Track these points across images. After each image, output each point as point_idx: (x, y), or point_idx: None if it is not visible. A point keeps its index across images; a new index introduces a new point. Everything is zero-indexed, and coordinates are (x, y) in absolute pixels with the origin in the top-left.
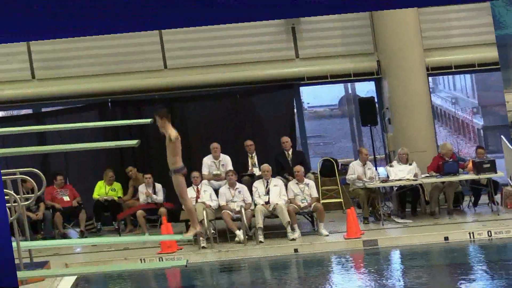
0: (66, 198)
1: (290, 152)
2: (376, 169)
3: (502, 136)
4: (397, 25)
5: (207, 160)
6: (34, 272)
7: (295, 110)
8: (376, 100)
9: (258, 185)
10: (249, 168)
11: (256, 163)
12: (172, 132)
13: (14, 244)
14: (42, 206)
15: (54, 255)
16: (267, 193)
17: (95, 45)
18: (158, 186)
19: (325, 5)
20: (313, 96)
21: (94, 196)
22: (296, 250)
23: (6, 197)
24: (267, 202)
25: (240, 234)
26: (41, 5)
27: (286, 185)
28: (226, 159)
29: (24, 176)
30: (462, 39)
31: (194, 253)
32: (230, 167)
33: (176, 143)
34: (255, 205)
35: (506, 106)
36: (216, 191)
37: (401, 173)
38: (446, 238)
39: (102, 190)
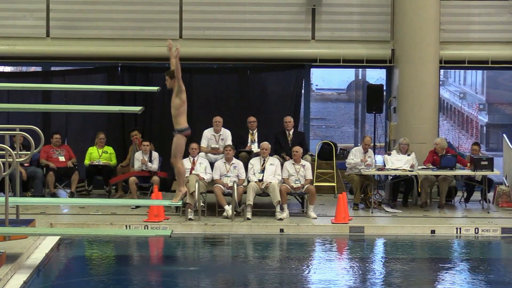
0: (62, 159)
1: (291, 132)
2: (374, 157)
3: (504, 134)
4: (417, 16)
5: (208, 133)
6: (18, 229)
7: (303, 91)
8: (384, 88)
9: (255, 162)
10: (248, 145)
11: (256, 140)
12: (182, 86)
13: (2, 199)
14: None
15: (40, 214)
16: (262, 171)
17: (114, 9)
18: (155, 155)
19: None
20: (322, 79)
21: (85, 162)
22: (281, 230)
23: (1, 152)
24: (261, 180)
25: (228, 209)
26: None
27: (282, 165)
28: (226, 134)
29: (21, 133)
30: (479, 35)
31: (180, 224)
32: (229, 142)
33: (182, 100)
34: (249, 181)
35: None
36: (212, 164)
37: (398, 162)
38: (432, 231)
39: (95, 154)
